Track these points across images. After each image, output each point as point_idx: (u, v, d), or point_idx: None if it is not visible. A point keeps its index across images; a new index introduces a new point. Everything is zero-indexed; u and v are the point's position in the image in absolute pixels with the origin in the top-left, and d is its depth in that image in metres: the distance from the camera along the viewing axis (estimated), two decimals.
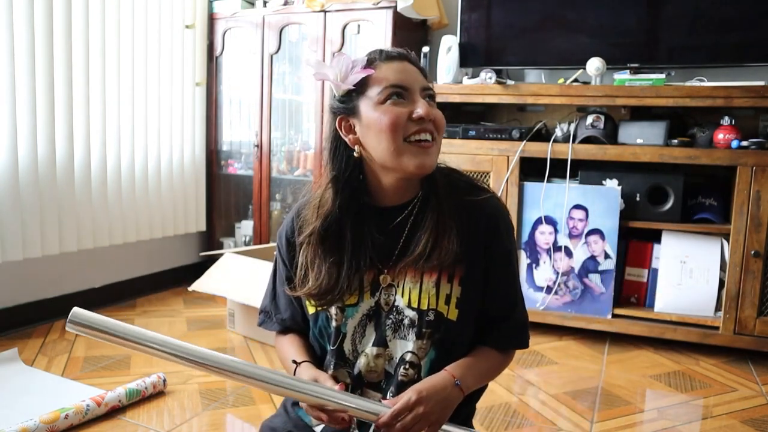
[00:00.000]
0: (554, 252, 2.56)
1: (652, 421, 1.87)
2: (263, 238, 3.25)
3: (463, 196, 1.04)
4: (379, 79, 0.99)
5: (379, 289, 1.04)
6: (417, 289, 1.01)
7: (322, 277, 1.03)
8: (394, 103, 0.98)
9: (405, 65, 1.02)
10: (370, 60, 1.02)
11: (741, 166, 2.28)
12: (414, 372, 1.01)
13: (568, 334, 2.61)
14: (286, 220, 1.15)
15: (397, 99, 0.98)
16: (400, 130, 0.97)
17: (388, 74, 1.00)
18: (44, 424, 1.62)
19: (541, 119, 2.79)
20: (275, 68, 3.19)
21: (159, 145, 3.04)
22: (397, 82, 0.99)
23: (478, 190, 1.06)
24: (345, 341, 1.04)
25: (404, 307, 1.02)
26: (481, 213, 1.03)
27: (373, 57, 1.02)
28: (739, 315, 2.33)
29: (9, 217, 2.34)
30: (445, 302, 1.01)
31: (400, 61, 1.02)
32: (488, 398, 1.95)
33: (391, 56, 1.02)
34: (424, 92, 1.01)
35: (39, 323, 2.57)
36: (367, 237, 1.03)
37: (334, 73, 1.01)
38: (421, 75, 1.03)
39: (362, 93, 1.00)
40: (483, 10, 2.85)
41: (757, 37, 2.47)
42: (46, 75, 2.43)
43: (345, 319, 1.04)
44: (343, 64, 1.00)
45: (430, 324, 1.01)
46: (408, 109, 0.98)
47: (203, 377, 2.08)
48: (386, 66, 1.00)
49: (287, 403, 1.14)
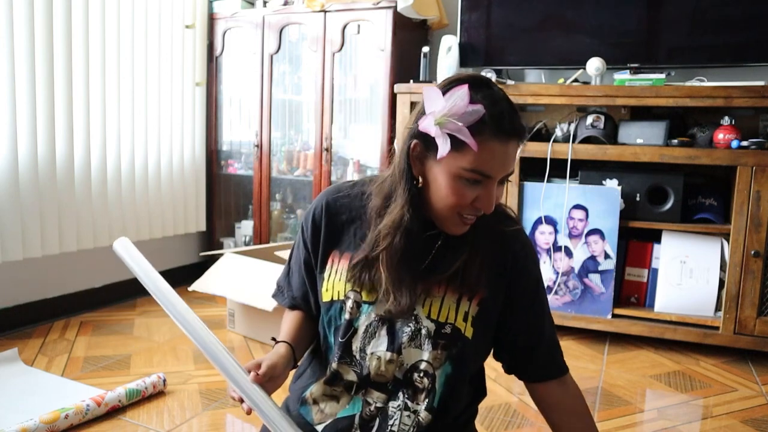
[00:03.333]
0: (554, 252, 2.56)
1: (652, 421, 1.87)
2: (263, 238, 3.26)
3: (495, 224, 1.04)
4: (471, 154, 0.90)
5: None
6: (439, 302, 1.01)
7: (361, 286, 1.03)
8: (466, 185, 0.93)
9: (509, 149, 0.92)
10: (480, 126, 0.89)
11: (741, 166, 2.28)
12: (429, 382, 1.01)
13: (568, 334, 2.61)
14: (317, 201, 1.11)
15: (472, 183, 0.93)
16: (460, 208, 0.96)
17: (484, 156, 0.90)
18: (44, 424, 1.62)
19: (541, 119, 2.79)
20: (275, 68, 3.19)
21: (159, 145, 3.04)
22: (487, 171, 0.92)
23: (508, 220, 1.07)
24: (355, 337, 1.03)
25: (423, 317, 1.01)
26: (511, 245, 1.05)
27: (485, 124, 0.89)
28: (739, 315, 2.33)
29: (9, 217, 2.34)
30: (463, 319, 1.01)
31: (510, 141, 0.92)
32: (488, 398, 1.94)
33: (505, 133, 0.91)
34: (504, 178, 0.96)
35: (39, 323, 2.57)
36: (427, 245, 1.03)
37: (443, 107, 0.90)
38: (516, 156, 0.95)
39: (460, 145, 0.91)
40: (483, 10, 2.85)
41: (757, 37, 2.47)
42: (46, 75, 2.43)
43: (359, 314, 1.03)
44: (457, 105, 0.89)
45: (446, 337, 1.00)
46: (475, 194, 0.94)
47: (203, 377, 2.08)
48: (491, 144, 0.90)
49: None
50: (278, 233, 3.30)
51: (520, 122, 0.94)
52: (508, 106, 0.93)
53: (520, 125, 0.93)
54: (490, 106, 0.90)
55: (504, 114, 0.91)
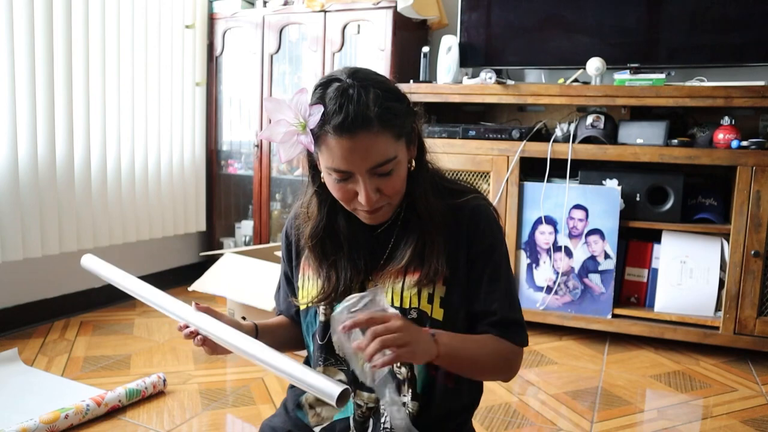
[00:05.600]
0: (554, 252, 2.56)
1: (652, 421, 1.87)
2: (263, 238, 3.25)
3: (447, 199, 1.04)
4: (326, 152, 0.92)
5: (365, 289, 1.04)
6: (399, 289, 1.01)
7: (323, 282, 1.05)
8: (339, 182, 0.95)
9: (354, 142, 0.89)
10: (322, 125, 0.90)
11: (741, 166, 2.28)
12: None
13: (568, 334, 2.62)
14: (286, 222, 1.17)
15: (343, 180, 0.94)
16: (348, 203, 0.98)
17: (334, 152, 0.91)
18: (44, 424, 1.62)
19: (541, 119, 2.79)
20: (275, 68, 3.19)
21: (159, 145, 3.04)
22: (340, 167, 0.92)
23: (460, 194, 1.05)
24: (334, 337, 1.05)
25: (388, 306, 1.01)
26: (462, 215, 1.03)
27: (326, 123, 0.90)
28: (739, 315, 2.33)
29: (9, 217, 2.34)
30: (427, 301, 1.00)
31: (350, 135, 0.89)
32: (488, 398, 1.96)
33: (340, 128, 0.89)
34: (373, 171, 0.92)
35: (39, 323, 2.57)
36: (360, 236, 1.05)
37: (294, 114, 0.92)
38: (376, 146, 0.90)
39: (318, 145, 0.93)
40: (483, 10, 2.85)
41: (757, 37, 2.47)
42: (46, 75, 2.43)
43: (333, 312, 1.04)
44: (301, 107, 0.92)
45: (413, 321, 0.99)
46: (354, 189, 0.94)
47: (203, 377, 2.08)
48: (334, 141, 0.90)
49: (287, 403, 1.15)
50: (278, 233, 3.30)
51: (364, 111, 0.89)
52: (345, 99, 0.90)
53: (358, 116, 0.88)
54: (329, 103, 0.90)
55: (340, 108, 0.89)
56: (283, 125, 0.93)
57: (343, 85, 0.91)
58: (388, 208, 0.99)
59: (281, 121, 0.93)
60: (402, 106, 0.95)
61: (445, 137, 2.70)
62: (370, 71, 0.96)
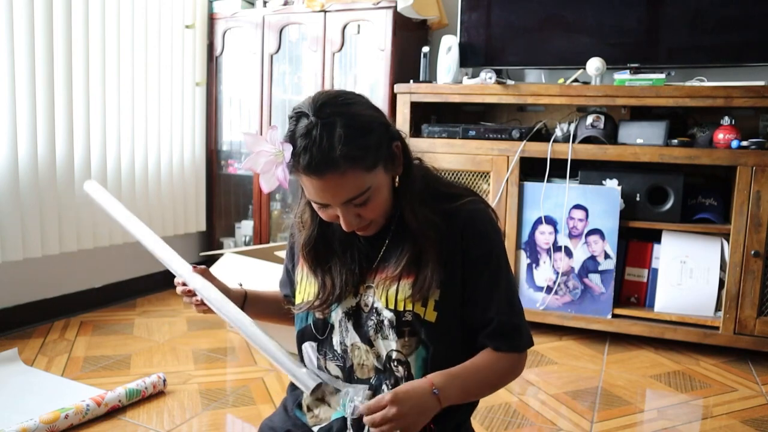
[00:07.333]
0: (554, 252, 2.56)
1: (652, 421, 1.87)
2: (263, 238, 3.25)
3: (443, 204, 1.03)
4: (303, 184, 0.97)
5: (359, 292, 1.05)
6: (394, 293, 1.01)
7: (318, 288, 1.07)
8: (320, 209, 0.99)
9: (323, 184, 0.91)
10: (293, 162, 0.92)
11: (741, 166, 2.28)
12: (404, 369, 1.02)
13: (568, 334, 2.62)
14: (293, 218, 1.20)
15: (322, 208, 0.98)
16: (335, 221, 1.00)
17: (308, 188, 0.95)
18: (44, 424, 1.62)
19: (541, 119, 2.79)
20: (275, 68, 3.19)
21: (159, 145, 3.04)
22: (315, 200, 0.97)
23: (457, 197, 1.05)
24: (334, 333, 1.07)
25: (383, 308, 1.02)
26: (457, 221, 1.02)
27: (296, 159, 0.91)
28: (739, 315, 2.33)
29: (9, 217, 2.34)
30: (422, 304, 1.00)
31: (318, 178, 0.91)
32: (488, 398, 1.95)
33: (308, 170, 0.91)
34: (348, 202, 0.94)
35: (39, 323, 2.57)
36: (354, 240, 1.06)
37: (270, 147, 0.94)
38: (346, 184, 0.91)
39: (295, 176, 0.97)
40: (483, 10, 2.85)
41: (757, 37, 2.47)
42: (46, 75, 2.43)
43: (330, 311, 1.07)
44: (275, 142, 0.94)
45: (408, 324, 1.01)
46: (335, 213, 0.97)
47: (203, 377, 2.08)
48: (305, 178, 0.93)
49: (286, 403, 1.16)
50: (278, 233, 3.30)
51: (327, 154, 0.89)
52: (309, 141, 0.90)
53: (322, 159, 0.89)
54: (298, 141, 0.91)
55: (305, 150, 0.90)
56: (263, 156, 0.95)
57: (309, 126, 0.91)
58: (374, 224, 1.02)
59: (261, 152, 0.95)
60: (372, 138, 0.93)
61: (445, 137, 2.70)
62: (339, 99, 0.94)
